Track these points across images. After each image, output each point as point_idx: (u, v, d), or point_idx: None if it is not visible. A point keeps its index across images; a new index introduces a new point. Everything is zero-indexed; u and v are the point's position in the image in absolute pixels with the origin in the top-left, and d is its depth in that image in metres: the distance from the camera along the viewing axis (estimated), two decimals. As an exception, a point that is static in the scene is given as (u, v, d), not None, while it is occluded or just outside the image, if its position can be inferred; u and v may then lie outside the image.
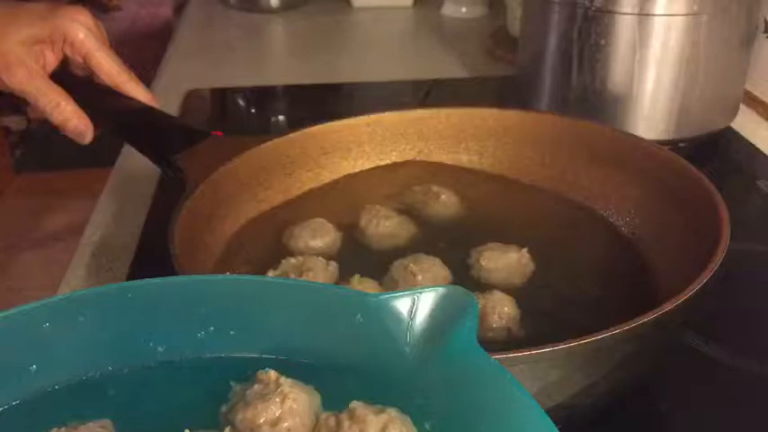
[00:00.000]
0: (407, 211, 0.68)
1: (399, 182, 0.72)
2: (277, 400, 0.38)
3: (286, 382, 0.38)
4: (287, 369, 0.41)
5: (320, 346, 0.41)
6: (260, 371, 0.39)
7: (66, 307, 0.41)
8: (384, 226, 0.65)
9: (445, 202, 0.69)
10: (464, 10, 1.42)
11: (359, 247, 0.64)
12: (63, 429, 0.37)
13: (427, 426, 0.37)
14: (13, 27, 0.71)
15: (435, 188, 0.70)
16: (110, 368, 0.41)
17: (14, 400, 0.39)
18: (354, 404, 0.37)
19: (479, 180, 0.73)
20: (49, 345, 0.41)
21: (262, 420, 0.37)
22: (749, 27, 0.88)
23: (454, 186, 0.71)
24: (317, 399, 0.39)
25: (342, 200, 0.71)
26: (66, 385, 0.40)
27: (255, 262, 0.62)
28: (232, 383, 0.40)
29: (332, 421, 0.37)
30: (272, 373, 0.39)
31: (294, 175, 0.71)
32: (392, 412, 0.37)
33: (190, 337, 0.42)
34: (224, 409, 0.39)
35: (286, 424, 0.37)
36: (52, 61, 0.74)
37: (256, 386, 0.39)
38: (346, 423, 0.36)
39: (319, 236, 0.64)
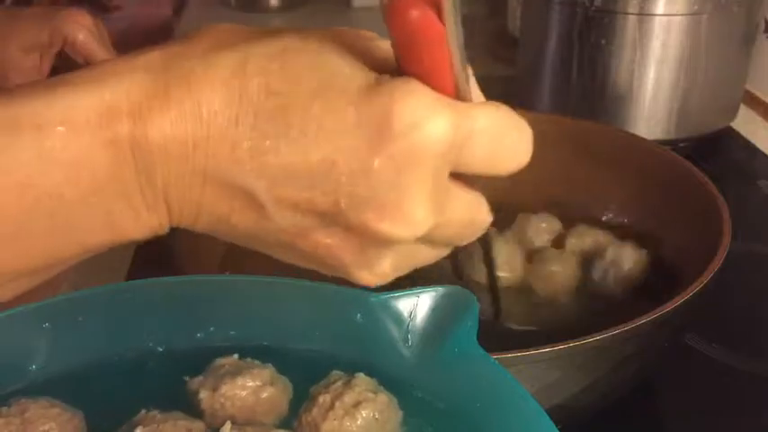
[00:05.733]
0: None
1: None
2: (254, 371, 0.39)
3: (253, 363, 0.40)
4: (285, 366, 0.41)
5: (320, 344, 0.41)
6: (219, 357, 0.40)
7: (66, 307, 0.41)
8: None
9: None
10: (464, 10, 1.42)
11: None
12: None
13: (428, 427, 0.37)
14: (13, 33, 0.71)
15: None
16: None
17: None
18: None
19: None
20: (49, 345, 0.41)
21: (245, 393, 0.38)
22: (749, 27, 0.88)
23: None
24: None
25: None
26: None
27: (259, 261, 0.62)
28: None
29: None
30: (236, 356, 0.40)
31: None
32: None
33: (189, 337, 0.42)
34: (194, 386, 0.39)
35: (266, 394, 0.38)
36: (50, 65, 0.74)
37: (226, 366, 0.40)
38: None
39: None
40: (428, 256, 0.34)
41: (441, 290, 0.39)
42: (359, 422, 0.36)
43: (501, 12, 1.28)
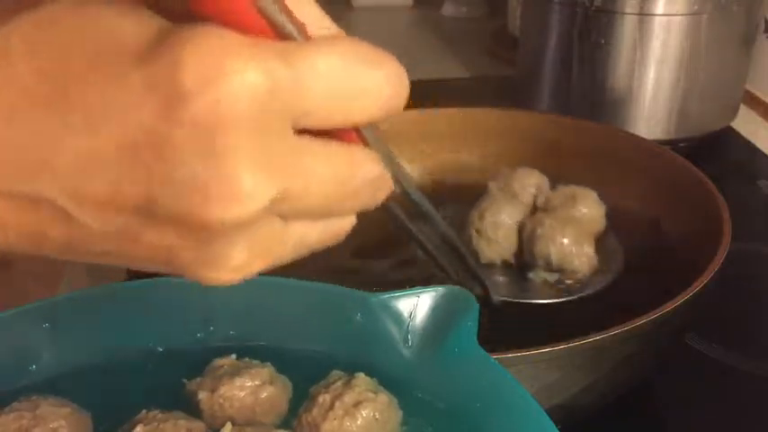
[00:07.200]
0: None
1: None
2: (252, 371, 0.39)
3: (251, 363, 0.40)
4: (285, 365, 0.41)
5: (319, 344, 0.41)
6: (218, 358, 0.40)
7: (66, 307, 0.41)
8: None
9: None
10: (464, 10, 1.42)
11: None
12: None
13: (428, 427, 0.37)
14: None
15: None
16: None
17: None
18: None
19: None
20: (49, 345, 0.41)
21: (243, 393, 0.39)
22: (749, 27, 0.88)
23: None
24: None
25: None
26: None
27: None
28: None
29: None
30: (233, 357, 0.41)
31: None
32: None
33: (189, 337, 0.42)
34: (193, 387, 0.39)
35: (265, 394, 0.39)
36: None
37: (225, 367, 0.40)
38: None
39: None
40: (307, 234, 0.27)
41: (441, 290, 0.39)
42: (359, 422, 0.36)
43: (501, 12, 1.28)
